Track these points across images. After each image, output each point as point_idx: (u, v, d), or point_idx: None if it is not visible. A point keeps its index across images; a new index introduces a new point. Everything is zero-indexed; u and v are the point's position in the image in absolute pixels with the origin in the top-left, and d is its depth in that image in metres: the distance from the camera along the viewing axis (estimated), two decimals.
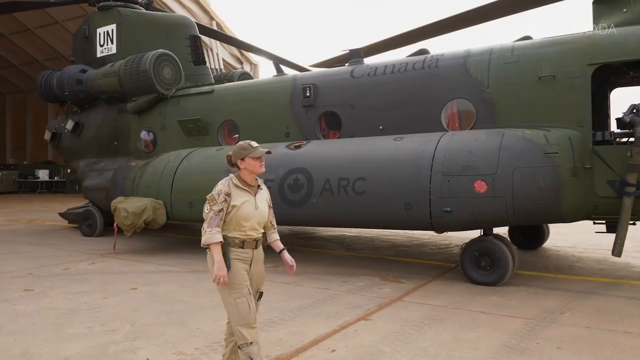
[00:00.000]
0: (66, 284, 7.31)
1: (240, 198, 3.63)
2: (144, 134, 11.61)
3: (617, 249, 6.87)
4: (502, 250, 7.00)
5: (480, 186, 6.81)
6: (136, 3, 13.51)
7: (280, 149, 8.72)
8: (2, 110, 41.69)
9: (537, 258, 9.23)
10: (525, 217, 6.96)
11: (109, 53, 12.99)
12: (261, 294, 3.88)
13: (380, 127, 8.51)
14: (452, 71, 8.02)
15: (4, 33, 31.17)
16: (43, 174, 30.97)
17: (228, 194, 3.60)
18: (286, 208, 8.11)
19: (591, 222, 7.54)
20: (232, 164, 3.80)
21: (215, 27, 23.95)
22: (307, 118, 9.29)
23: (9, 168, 31.70)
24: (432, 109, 8.12)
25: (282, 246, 4.02)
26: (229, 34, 24.75)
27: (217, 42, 23.59)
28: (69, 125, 12.88)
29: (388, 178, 7.41)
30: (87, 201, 12.89)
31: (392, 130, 8.35)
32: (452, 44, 8.33)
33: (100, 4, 13.26)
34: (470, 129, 7.79)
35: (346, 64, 9.54)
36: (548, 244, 10.50)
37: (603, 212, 7.05)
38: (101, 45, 13.28)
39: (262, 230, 3.85)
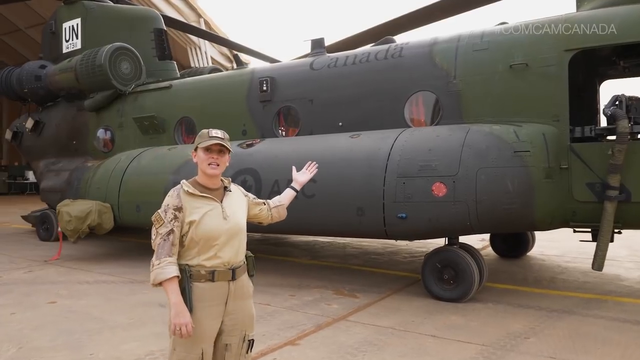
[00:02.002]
0: None
1: (198, 210, 2.67)
2: (101, 133, 10.89)
3: (598, 262, 6.00)
4: (466, 262, 6.15)
5: (439, 189, 5.97)
6: None
7: (232, 147, 7.92)
8: None
9: (517, 268, 8.35)
10: (492, 225, 6.11)
11: (75, 48, 12.29)
12: (251, 342, 2.84)
13: (340, 124, 7.70)
14: (417, 61, 7.20)
15: None
16: (32, 175, 30.40)
17: (179, 208, 2.65)
18: None
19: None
20: None
21: (203, 25, 23.31)
22: (264, 114, 8.49)
23: (0, 169, 31.27)
24: (395, 103, 7.29)
25: (290, 191, 3.41)
26: (217, 32, 24.09)
27: (206, 40, 22.88)
28: (29, 123, 12.19)
29: (340, 180, 6.60)
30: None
31: (352, 126, 7.53)
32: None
33: None
34: (436, 124, 6.96)
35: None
36: (534, 251, 9.62)
37: (583, 218, 6.19)
38: (67, 41, 12.59)
39: (244, 252, 2.86)
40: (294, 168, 3.63)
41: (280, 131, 8.44)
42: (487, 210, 5.90)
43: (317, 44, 8.62)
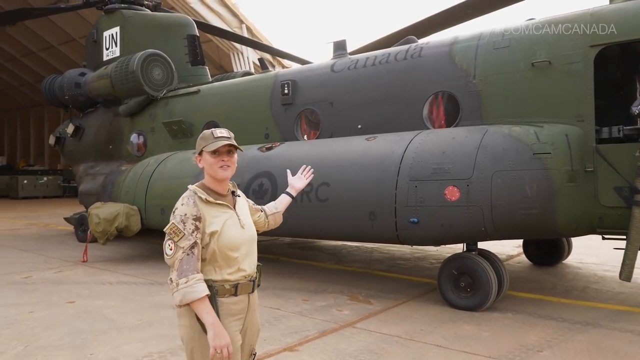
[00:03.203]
0: (8, 294, 6.87)
1: (217, 219, 2.47)
2: (134, 137, 11.19)
3: (626, 272, 5.58)
4: (483, 270, 5.88)
5: (452, 193, 5.73)
6: (142, 5, 13.21)
7: (251, 151, 7.96)
8: (57, 119, 43.51)
9: (549, 276, 7.93)
10: (509, 230, 5.81)
11: (114, 56, 12.70)
12: (254, 356, 2.76)
13: (359, 127, 7.56)
14: (436, 61, 6.97)
15: (53, 44, 32.37)
16: None
17: (198, 218, 2.42)
18: None
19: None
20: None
21: (245, 31, 23.64)
22: (286, 117, 8.47)
23: (55, 173, 32.72)
24: (414, 105, 7.09)
25: (286, 197, 3.23)
26: (260, 37, 24.38)
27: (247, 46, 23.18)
28: (70, 129, 12.71)
29: (353, 183, 6.46)
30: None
31: (371, 129, 7.39)
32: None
33: (107, 7, 13.05)
34: (455, 126, 6.71)
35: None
36: (572, 259, 9.11)
37: (610, 225, 5.78)
38: (107, 49, 13.04)
39: (256, 262, 2.69)
40: (289, 172, 3.41)
41: (301, 134, 8.39)
42: (503, 215, 5.61)
43: (339, 46, 8.52)
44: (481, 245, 6.50)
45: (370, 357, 4.57)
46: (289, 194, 3.28)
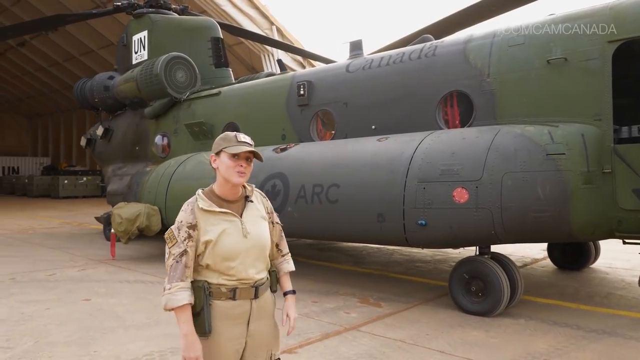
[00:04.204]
0: (30, 291, 7.09)
1: (214, 227, 2.41)
2: (158, 139, 11.41)
3: None
4: (495, 274, 5.71)
5: (460, 195, 5.59)
6: (169, 9, 13.46)
7: (266, 152, 7.99)
8: (97, 121, 44.85)
9: (572, 282, 7.65)
10: (521, 234, 5.61)
11: (142, 59, 13.00)
12: None
13: (373, 127, 7.47)
14: (450, 60, 6.81)
15: (93, 48, 33.45)
16: None
17: (193, 226, 2.39)
18: None
19: None
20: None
21: (275, 32, 23.80)
22: (302, 118, 8.46)
23: (94, 173, 33.75)
24: (427, 105, 6.96)
25: (288, 287, 2.75)
26: (290, 38, 24.51)
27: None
28: (99, 131, 13.09)
29: (362, 184, 6.39)
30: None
31: (385, 129, 7.29)
32: None
33: (136, 11, 13.36)
34: (469, 126, 6.55)
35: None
36: (600, 263, 8.77)
37: (630, 229, 5.51)
38: (136, 52, 13.34)
39: (267, 267, 2.59)
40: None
41: (316, 135, 8.36)
42: (514, 218, 5.44)
43: (355, 46, 8.46)
44: (502, 248, 6.30)
45: None
46: (289, 292, 2.77)
